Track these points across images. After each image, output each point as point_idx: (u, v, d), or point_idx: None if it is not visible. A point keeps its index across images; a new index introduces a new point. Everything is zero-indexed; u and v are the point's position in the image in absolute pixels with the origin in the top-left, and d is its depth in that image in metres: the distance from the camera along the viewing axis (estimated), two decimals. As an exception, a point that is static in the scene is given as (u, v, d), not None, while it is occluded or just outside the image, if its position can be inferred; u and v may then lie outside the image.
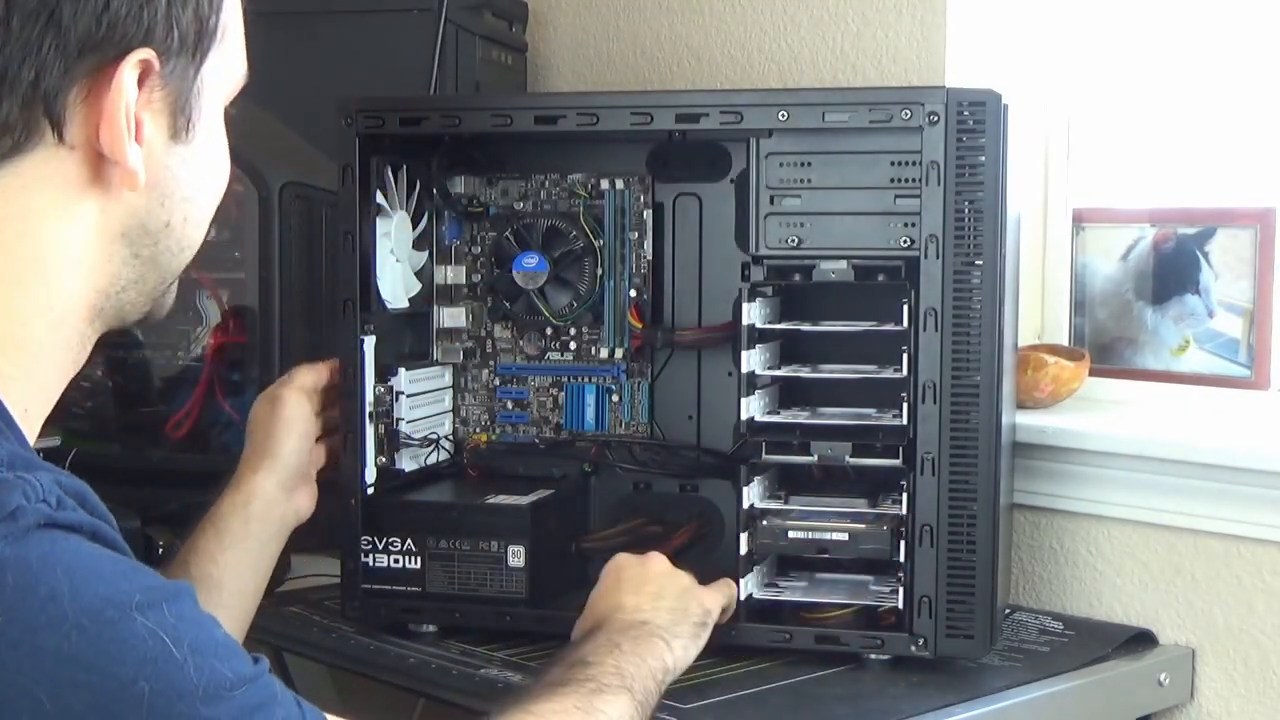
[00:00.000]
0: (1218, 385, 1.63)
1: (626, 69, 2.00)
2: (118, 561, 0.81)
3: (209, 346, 1.69)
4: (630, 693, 1.15)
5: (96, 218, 0.89)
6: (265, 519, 1.36)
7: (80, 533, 0.81)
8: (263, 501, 1.37)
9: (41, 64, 0.84)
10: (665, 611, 1.28)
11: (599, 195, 1.53)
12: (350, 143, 1.44)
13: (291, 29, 1.84)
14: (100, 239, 0.90)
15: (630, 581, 1.32)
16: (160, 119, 0.89)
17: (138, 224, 0.91)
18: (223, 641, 0.83)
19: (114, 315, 0.93)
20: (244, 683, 0.82)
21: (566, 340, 1.57)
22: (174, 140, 0.91)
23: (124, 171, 0.88)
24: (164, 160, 0.90)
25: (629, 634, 1.23)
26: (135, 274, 0.92)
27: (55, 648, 0.77)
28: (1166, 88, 1.70)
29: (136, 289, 0.93)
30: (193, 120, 0.91)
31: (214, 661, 0.81)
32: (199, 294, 1.70)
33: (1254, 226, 1.61)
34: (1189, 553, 1.54)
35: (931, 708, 1.30)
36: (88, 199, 0.89)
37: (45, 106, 0.85)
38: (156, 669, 0.78)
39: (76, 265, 0.89)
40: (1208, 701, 1.53)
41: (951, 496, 1.34)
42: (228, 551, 1.33)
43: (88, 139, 0.87)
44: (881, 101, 1.35)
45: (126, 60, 0.86)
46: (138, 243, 0.91)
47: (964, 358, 1.34)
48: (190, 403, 1.70)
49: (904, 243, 1.36)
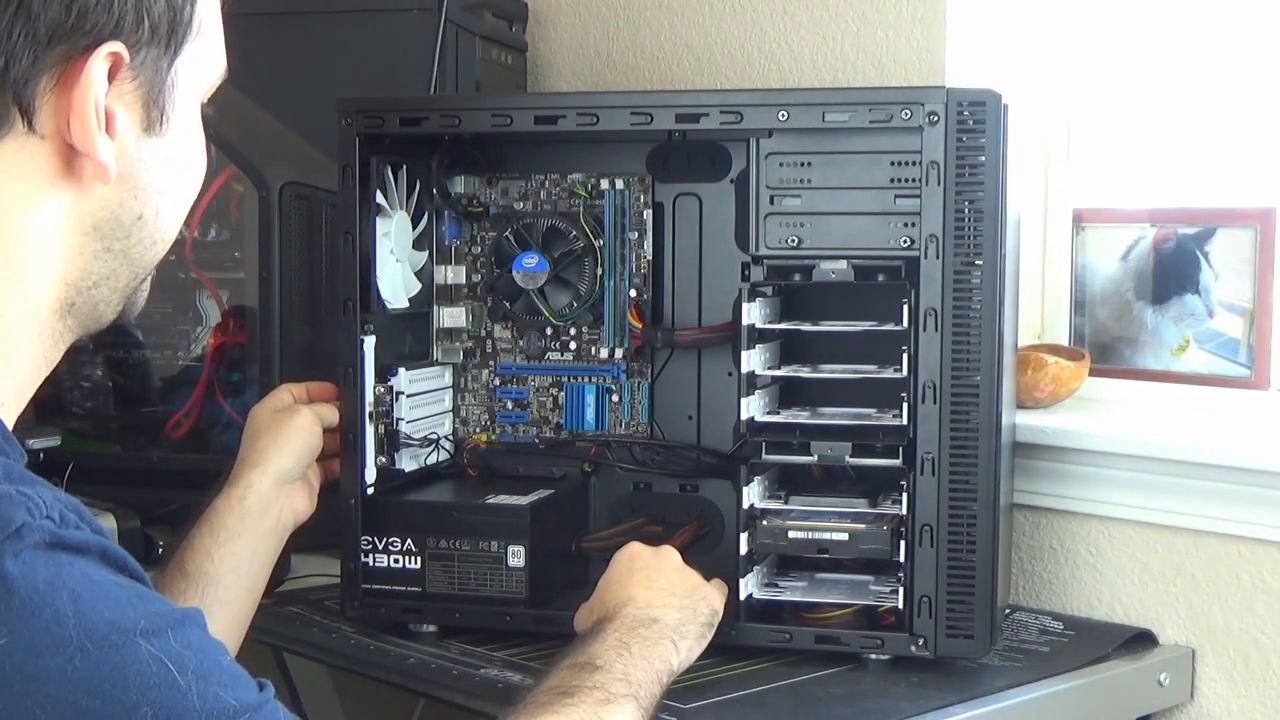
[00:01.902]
0: (1218, 385, 1.63)
1: (626, 69, 2.00)
2: (124, 588, 0.81)
3: (209, 346, 1.69)
4: (637, 700, 1.14)
5: (68, 209, 0.88)
6: (262, 514, 1.36)
7: (88, 554, 0.80)
8: (259, 497, 1.36)
9: (10, 51, 0.83)
10: (675, 610, 1.28)
11: (599, 195, 1.53)
12: (350, 143, 1.44)
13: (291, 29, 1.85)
14: (72, 231, 0.89)
15: (643, 574, 1.31)
16: (132, 112, 0.89)
17: (110, 217, 0.90)
18: (228, 669, 0.83)
19: (88, 314, 0.92)
20: (247, 710, 0.81)
21: (566, 340, 1.56)
22: (147, 133, 0.90)
23: (95, 164, 0.87)
24: (136, 153, 0.89)
25: (638, 633, 1.23)
26: (108, 269, 0.91)
27: (59, 671, 0.76)
28: (1166, 88, 1.70)
29: (109, 285, 0.92)
30: (166, 113, 0.90)
31: (218, 689, 0.80)
32: (199, 294, 1.70)
33: (1254, 226, 1.61)
34: (1189, 553, 1.54)
35: (931, 708, 1.30)
36: (60, 190, 0.88)
37: (15, 94, 0.84)
38: (160, 695, 0.78)
39: (48, 257, 0.88)
40: (1208, 701, 1.53)
41: (951, 496, 1.35)
42: (224, 547, 1.33)
43: (58, 129, 0.86)
44: (881, 101, 1.35)
45: (97, 52, 0.85)
46: (110, 236, 0.90)
47: (964, 358, 1.34)
48: (190, 403, 1.70)
49: (904, 243, 1.36)
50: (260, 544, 1.36)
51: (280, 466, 1.38)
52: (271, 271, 1.65)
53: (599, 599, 1.31)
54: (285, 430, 1.40)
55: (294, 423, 1.41)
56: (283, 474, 1.38)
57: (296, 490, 1.40)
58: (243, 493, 1.36)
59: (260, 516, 1.36)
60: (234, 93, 1.72)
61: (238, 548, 1.34)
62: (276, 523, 1.38)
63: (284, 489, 1.38)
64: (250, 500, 1.36)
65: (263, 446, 1.39)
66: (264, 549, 1.37)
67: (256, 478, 1.37)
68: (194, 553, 1.33)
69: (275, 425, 1.41)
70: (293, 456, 1.39)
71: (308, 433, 1.41)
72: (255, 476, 1.37)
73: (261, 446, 1.39)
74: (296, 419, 1.41)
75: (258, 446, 1.39)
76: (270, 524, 1.37)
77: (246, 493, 1.36)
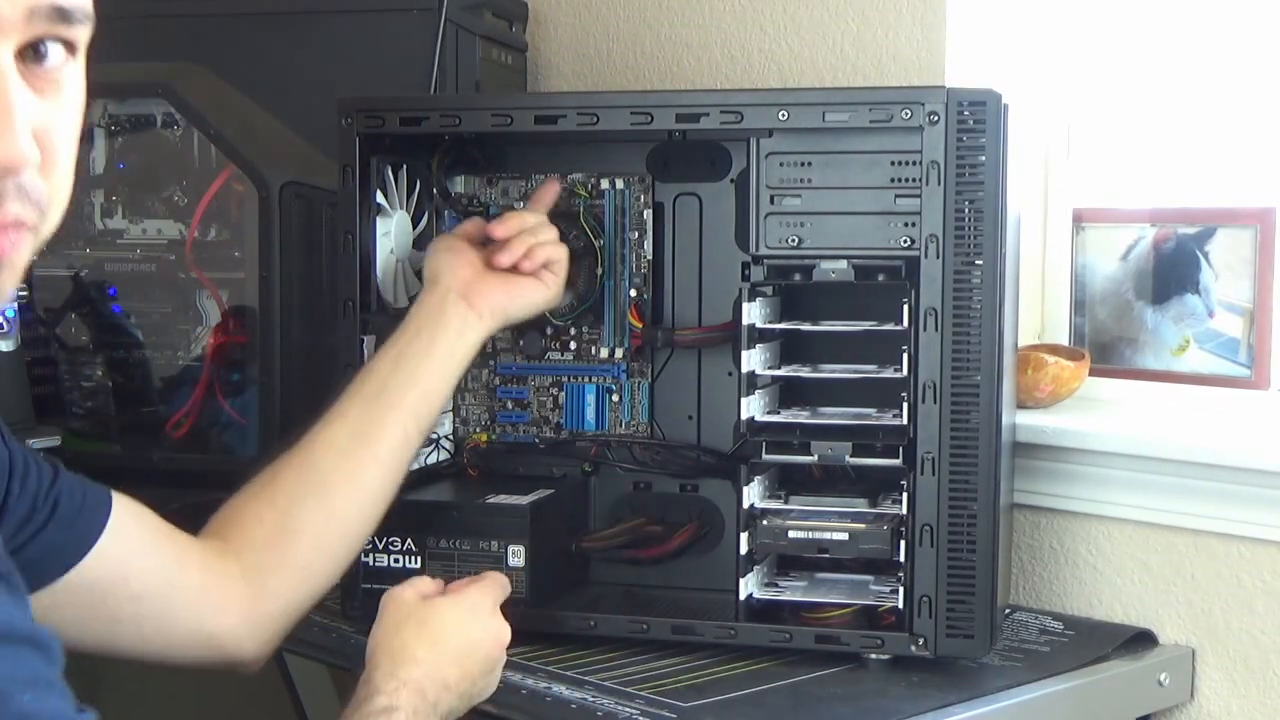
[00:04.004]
0: (1218, 385, 1.63)
1: (626, 69, 2.00)
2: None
3: (209, 346, 1.69)
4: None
5: None
6: (435, 329, 1.38)
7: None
8: (426, 314, 1.39)
9: None
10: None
11: (599, 195, 1.53)
12: (350, 143, 1.44)
13: (291, 29, 1.85)
14: None
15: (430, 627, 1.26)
16: None
17: None
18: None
19: None
20: None
21: (566, 340, 1.57)
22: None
23: None
24: None
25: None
26: None
27: None
28: (1166, 88, 1.70)
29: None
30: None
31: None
32: (199, 294, 1.70)
33: (1254, 226, 1.61)
34: (1189, 553, 1.54)
35: (931, 708, 1.30)
36: None
37: None
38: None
39: None
40: (1208, 701, 1.53)
41: (951, 496, 1.35)
42: (395, 363, 1.36)
43: None
44: (881, 101, 1.35)
45: None
46: None
47: (964, 358, 1.34)
48: (190, 403, 1.70)
49: (904, 242, 1.36)
50: (437, 349, 1.38)
51: (444, 285, 1.41)
52: (271, 271, 1.65)
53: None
54: (436, 256, 1.44)
55: (442, 245, 1.45)
56: (452, 289, 1.40)
57: (484, 294, 1.41)
58: (412, 314, 1.40)
59: (436, 330, 1.39)
60: (234, 93, 1.73)
61: (412, 357, 1.37)
62: (459, 323, 1.40)
63: (464, 300, 1.40)
64: (420, 317, 1.39)
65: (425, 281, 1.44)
66: (447, 353, 1.39)
67: (426, 299, 1.41)
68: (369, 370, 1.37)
69: (431, 260, 1.44)
70: (453, 273, 1.41)
71: (461, 250, 1.43)
72: (424, 298, 1.41)
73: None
74: (443, 242, 1.45)
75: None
76: (453, 329, 1.39)
77: (416, 312, 1.40)
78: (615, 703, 1.28)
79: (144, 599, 1.22)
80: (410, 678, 1.17)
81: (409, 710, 1.14)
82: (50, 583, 1.16)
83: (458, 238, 1.46)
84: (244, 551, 1.28)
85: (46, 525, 1.15)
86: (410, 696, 1.15)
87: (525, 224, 1.45)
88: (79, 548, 1.17)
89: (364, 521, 1.35)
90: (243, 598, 1.27)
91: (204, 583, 1.25)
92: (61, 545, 1.16)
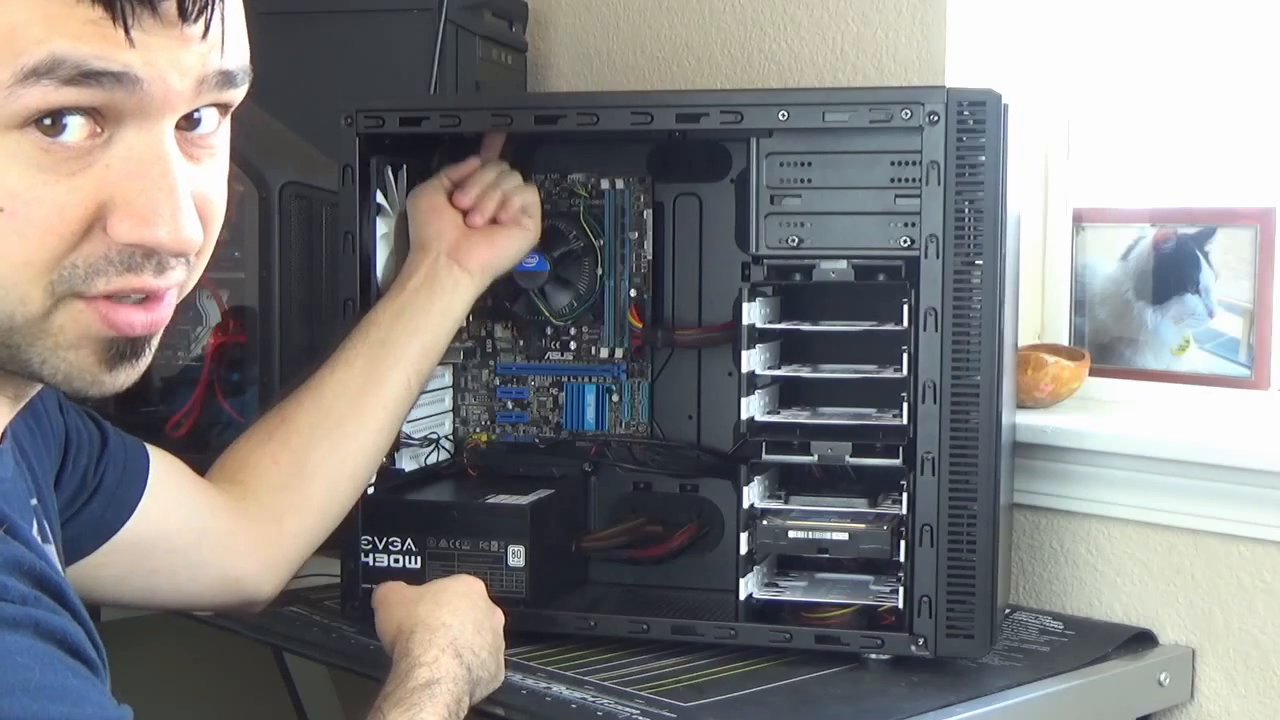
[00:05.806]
0: (1218, 385, 1.63)
1: (626, 69, 2.00)
2: (58, 671, 0.75)
3: (209, 346, 1.69)
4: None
5: None
6: (432, 287, 1.42)
7: (20, 629, 0.74)
8: (422, 275, 1.43)
9: None
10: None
11: (599, 195, 1.53)
12: (350, 143, 1.44)
13: (291, 29, 1.84)
14: None
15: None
16: None
17: None
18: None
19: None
20: None
21: (566, 340, 1.57)
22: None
23: None
24: None
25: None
26: None
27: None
28: (1166, 88, 1.70)
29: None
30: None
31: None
32: (199, 294, 1.70)
33: (1254, 226, 1.61)
34: (1189, 553, 1.54)
35: (931, 708, 1.30)
36: None
37: None
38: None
39: None
40: (1208, 701, 1.53)
41: (951, 496, 1.35)
42: (396, 315, 1.41)
43: None
44: (881, 101, 1.35)
45: None
46: None
47: (964, 358, 1.34)
48: (190, 403, 1.70)
49: (904, 242, 1.36)
50: (434, 304, 1.43)
51: (434, 249, 1.44)
52: (271, 271, 1.65)
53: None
54: (417, 216, 1.47)
55: (420, 204, 1.47)
56: (441, 251, 1.44)
57: (470, 252, 1.44)
58: (404, 275, 1.44)
59: (431, 289, 1.43)
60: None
61: (411, 314, 1.41)
62: (451, 282, 1.44)
63: (453, 260, 1.44)
64: (414, 280, 1.43)
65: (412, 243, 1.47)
66: (441, 308, 1.43)
67: (415, 261, 1.45)
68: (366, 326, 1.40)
69: (412, 219, 1.48)
70: (434, 231, 1.45)
71: (437, 206, 1.46)
72: (414, 260, 1.45)
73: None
74: (421, 199, 1.47)
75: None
76: (446, 285, 1.43)
77: (408, 275, 1.44)
78: (615, 703, 1.28)
79: (179, 551, 1.26)
80: (447, 643, 1.19)
81: (450, 679, 1.16)
82: (92, 552, 1.19)
83: (438, 193, 1.48)
84: (261, 493, 1.33)
85: (92, 499, 1.18)
86: (450, 664, 1.17)
87: (486, 180, 1.48)
88: (120, 516, 1.21)
89: (370, 465, 1.41)
90: (262, 539, 1.32)
91: (232, 527, 1.29)
92: (104, 517, 1.20)
